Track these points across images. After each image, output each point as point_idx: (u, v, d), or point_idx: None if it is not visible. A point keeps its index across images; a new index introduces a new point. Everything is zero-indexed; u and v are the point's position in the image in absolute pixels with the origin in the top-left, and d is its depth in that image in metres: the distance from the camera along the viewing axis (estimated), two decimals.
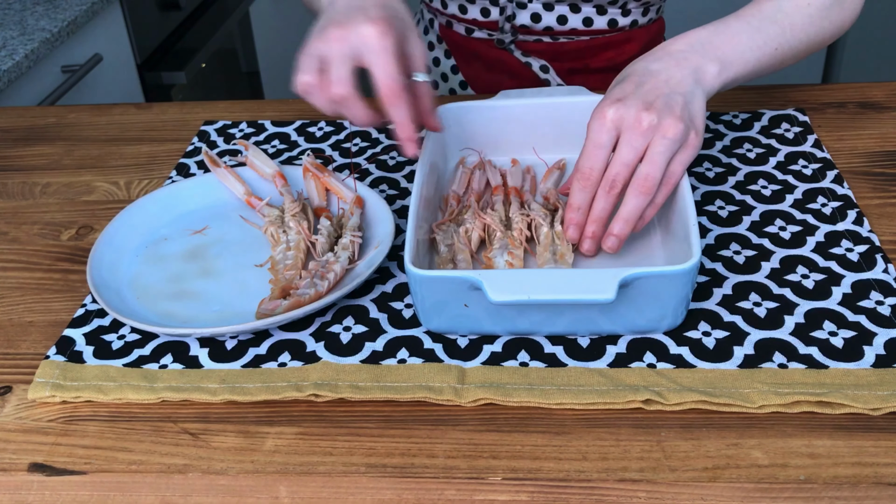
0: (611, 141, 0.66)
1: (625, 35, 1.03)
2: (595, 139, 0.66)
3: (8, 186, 0.87)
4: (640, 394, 0.57)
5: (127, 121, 0.98)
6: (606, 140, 0.66)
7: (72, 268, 0.75)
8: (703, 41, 0.71)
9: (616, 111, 0.66)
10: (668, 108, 0.65)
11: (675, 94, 0.67)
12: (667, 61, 0.70)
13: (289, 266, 0.69)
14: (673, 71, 0.69)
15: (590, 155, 0.66)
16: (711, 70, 0.70)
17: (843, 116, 0.89)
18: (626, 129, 0.65)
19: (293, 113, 0.97)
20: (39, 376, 0.62)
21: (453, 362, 0.61)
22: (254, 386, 0.60)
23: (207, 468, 0.55)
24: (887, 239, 0.70)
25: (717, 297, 0.65)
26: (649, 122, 0.64)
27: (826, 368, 0.58)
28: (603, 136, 0.66)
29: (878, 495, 0.51)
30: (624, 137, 0.65)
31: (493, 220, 0.70)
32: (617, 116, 0.66)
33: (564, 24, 1.00)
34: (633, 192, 0.65)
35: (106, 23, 1.69)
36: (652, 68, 0.69)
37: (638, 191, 0.65)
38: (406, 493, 0.53)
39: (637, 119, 0.65)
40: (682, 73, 0.68)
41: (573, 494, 0.52)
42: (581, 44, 1.02)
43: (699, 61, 0.70)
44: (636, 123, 0.65)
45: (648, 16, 1.04)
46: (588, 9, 0.99)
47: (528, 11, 0.99)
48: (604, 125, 0.66)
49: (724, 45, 0.71)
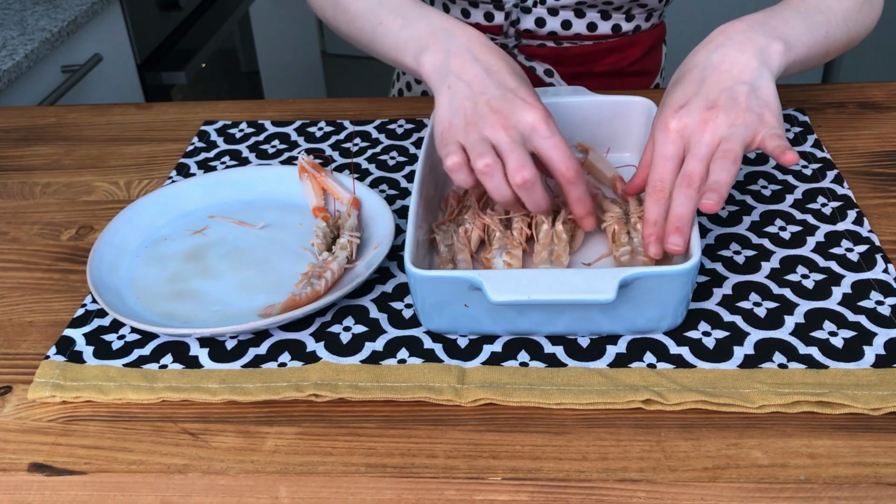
0: (678, 151, 0.64)
1: (628, 40, 1.03)
2: (662, 151, 0.64)
3: (8, 186, 0.87)
4: (640, 394, 0.57)
5: (127, 121, 0.98)
6: (673, 151, 0.64)
7: (72, 268, 0.75)
8: (761, 22, 0.68)
9: (679, 120, 0.64)
10: (733, 103, 0.63)
11: (738, 83, 0.64)
12: (728, 47, 0.67)
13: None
14: (736, 56, 0.66)
15: (659, 167, 0.65)
16: (777, 48, 0.67)
17: (843, 116, 0.89)
18: (693, 134, 0.64)
19: (293, 113, 0.97)
20: (39, 376, 0.62)
21: (453, 362, 0.61)
22: (254, 386, 0.60)
23: (207, 468, 0.55)
24: (887, 239, 0.70)
25: (717, 297, 0.65)
26: (713, 126, 0.63)
27: (826, 368, 0.58)
28: (668, 147, 0.64)
29: (878, 495, 0.51)
30: (692, 140, 0.64)
31: (493, 220, 0.70)
32: (681, 126, 0.64)
33: (569, 28, 1.00)
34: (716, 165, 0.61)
35: (106, 23, 1.69)
36: (713, 59, 0.66)
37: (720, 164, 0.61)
38: (406, 493, 0.53)
39: (702, 121, 0.63)
40: (747, 57, 0.65)
41: (573, 494, 0.52)
42: (585, 48, 1.02)
43: (763, 40, 0.67)
44: (702, 126, 0.63)
45: (651, 21, 1.03)
46: (592, 14, 0.99)
47: (532, 16, 0.99)
48: (668, 136, 0.64)
49: (781, 26, 0.69)
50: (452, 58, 0.68)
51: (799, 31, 0.69)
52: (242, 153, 0.90)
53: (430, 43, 0.69)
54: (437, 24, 0.70)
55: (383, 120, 0.93)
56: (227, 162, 0.88)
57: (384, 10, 0.74)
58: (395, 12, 0.73)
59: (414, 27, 0.71)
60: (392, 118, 0.94)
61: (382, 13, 0.74)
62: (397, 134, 0.91)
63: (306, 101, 0.99)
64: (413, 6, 0.73)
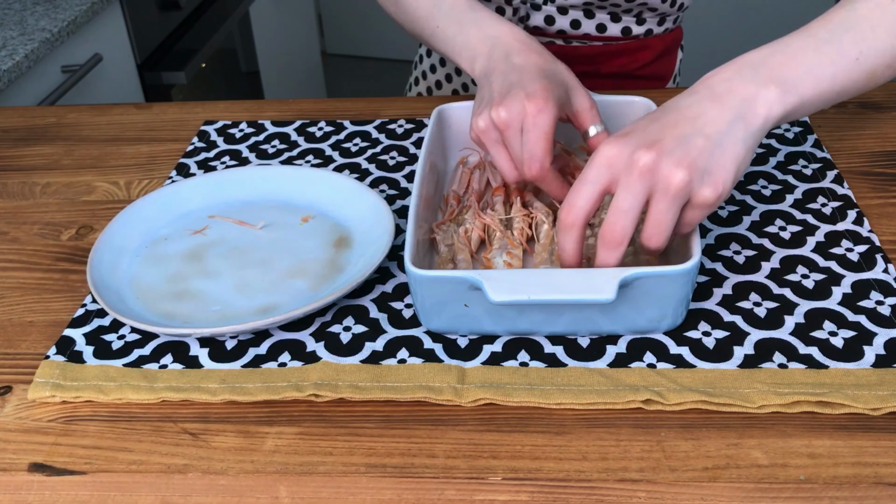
0: (599, 179, 0.58)
1: (639, 43, 1.02)
2: (583, 175, 0.58)
3: (8, 186, 0.87)
4: (640, 394, 0.57)
5: (127, 121, 0.98)
6: (594, 177, 0.58)
7: (72, 268, 0.75)
8: (754, 64, 0.60)
9: (612, 148, 0.57)
10: (674, 150, 0.56)
11: (696, 135, 0.56)
12: (702, 95, 0.59)
13: None
14: (705, 106, 0.58)
15: (573, 192, 0.59)
16: (767, 97, 0.58)
17: (843, 116, 0.89)
18: (622, 171, 0.57)
19: (293, 113, 0.97)
20: (39, 376, 0.62)
21: (453, 362, 0.61)
22: (254, 386, 0.60)
23: (207, 468, 0.55)
24: (887, 239, 0.70)
25: (717, 297, 0.65)
26: (644, 162, 0.55)
27: (826, 368, 0.58)
28: (591, 172, 0.58)
29: (878, 495, 0.51)
30: (620, 181, 0.57)
31: (493, 220, 0.70)
32: (612, 153, 0.57)
33: (578, 28, 1.00)
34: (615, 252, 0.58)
35: (106, 23, 1.69)
36: (680, 104, 0.60)
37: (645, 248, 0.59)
38: (406, 493, 0.53)
39: (632, 159, 0.56)
40: (718, 110, 0.58)
41: (573, 494, 0.52)
42: (594, 49, 1.02)
43: (748, 90, 0.58)
44: (631, 163, 0.56)
45: (665, 25, 1.03)
46: (602, 15, 0.99)
47: (541, 14, 0.99)
48: (594, 161, 0.58)
49: (782, 65, 0.60)
50: (493, 62, 0.73)
51: (809, 65, 0.60)
52: (242, 153, 0.90)
53: (481, 51, 0.75)
54: (487, 31, 0.76)
55: (383, 120, 0.93)
56: (227, 162, 0.88)
57: (441, 13, 0.81)
58: (450, 17, 0.80)
59: (466, 34, 0.77)
60: (392, 118, 0.94)
61: (440, 17, 0.81)
62: (397, 134, 0.91)
63: (306, 101, 0.99)
64: (466, 10, 0.79)
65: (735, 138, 0.57)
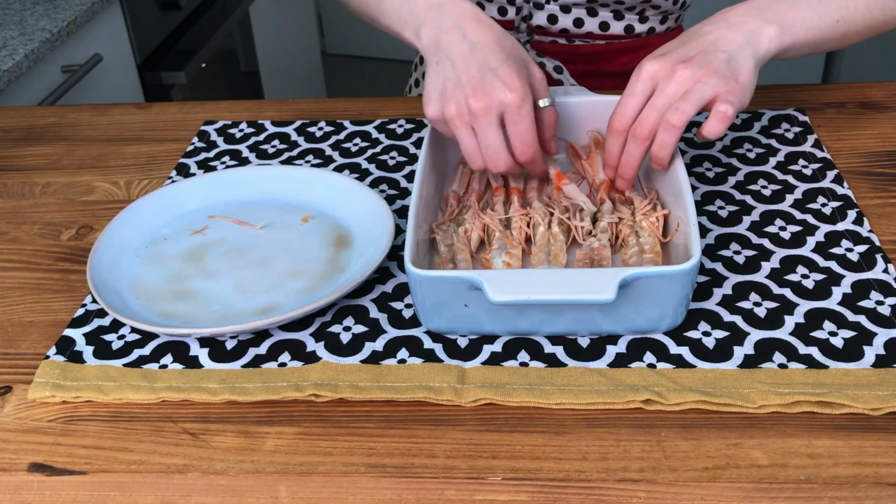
0: (644, 92, 0.68)
1: (641, 41, 1.02)
2: (629, 89, 0.69)
3: (8, 186, 0.87)
4: (640, 394, 0.57)
5: (127, 121, 0.98)
6: (639, 90, 0.68)
7: (72, 268, 0.75)
8: (762, 6, 0.72)
9: (653, 64, 0.68)
10: (705, 63, 0.67)
11: (717, 51, 0.68)
12: (720, 24, 0.71)
13: None
14: (723, 32, 0.70)
15: (622, 103, 0.69)
16: (768, 32, 0.70)
17: (843, 116, 0.89)
18: (661, 81, 0.67)
19: (293, 113, 0.97)
20: (39, 376, 0.62)
21: (453, 362, 0.61)
22: (254, 386, 0.60)
23: (207, 468, 0.55)
24: (887, 239, 0.70)
25: (717, 297, 0.65)
26: (683, 73, 0.66)
27: (826, 368, 0.58)
28: (637, 86, 0.68)
29: (878, 495, 0.51)
30: (659, 87, 0.67)
31: (493, 220, 0.70)
32: (654, 69, 0.68)
33: (581, 27, 1.00)
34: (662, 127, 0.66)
35: (106, 23, 1.69)
36: (703, 30, 0.71)
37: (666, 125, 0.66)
38: (406, 493, 0.53)
39: (672, 70, 0.67)
40: (733, 36, 0.69)
41: (573, 494, 0.52)
42: (596, 47, 1.02)
43: (755, 24, 0.70)
44: (670, 76, 0.67)
45: (667, 24, 1.03)
46: (605, 13, 0.99)
47: (544, 12, 0.99)
48: (638, 76, 0.68)
49: (784, 10, 0.71)
50: (443, 34, 0.71)
51: (803, 15, 0.72)
52: (242, 153, 0.90)
53: (427, 19, 0.72)
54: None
55: (383, 120, 0.93)
56: (227, 162, 0.88)
57: None
58: None
59: (414, 2, 0.74)
60: (392, 118, 0.94)
61: None
62: (397, 134, 0.91)
63: (306, 101, 0.99)
64: None
65: (746, 54, 0.69)
